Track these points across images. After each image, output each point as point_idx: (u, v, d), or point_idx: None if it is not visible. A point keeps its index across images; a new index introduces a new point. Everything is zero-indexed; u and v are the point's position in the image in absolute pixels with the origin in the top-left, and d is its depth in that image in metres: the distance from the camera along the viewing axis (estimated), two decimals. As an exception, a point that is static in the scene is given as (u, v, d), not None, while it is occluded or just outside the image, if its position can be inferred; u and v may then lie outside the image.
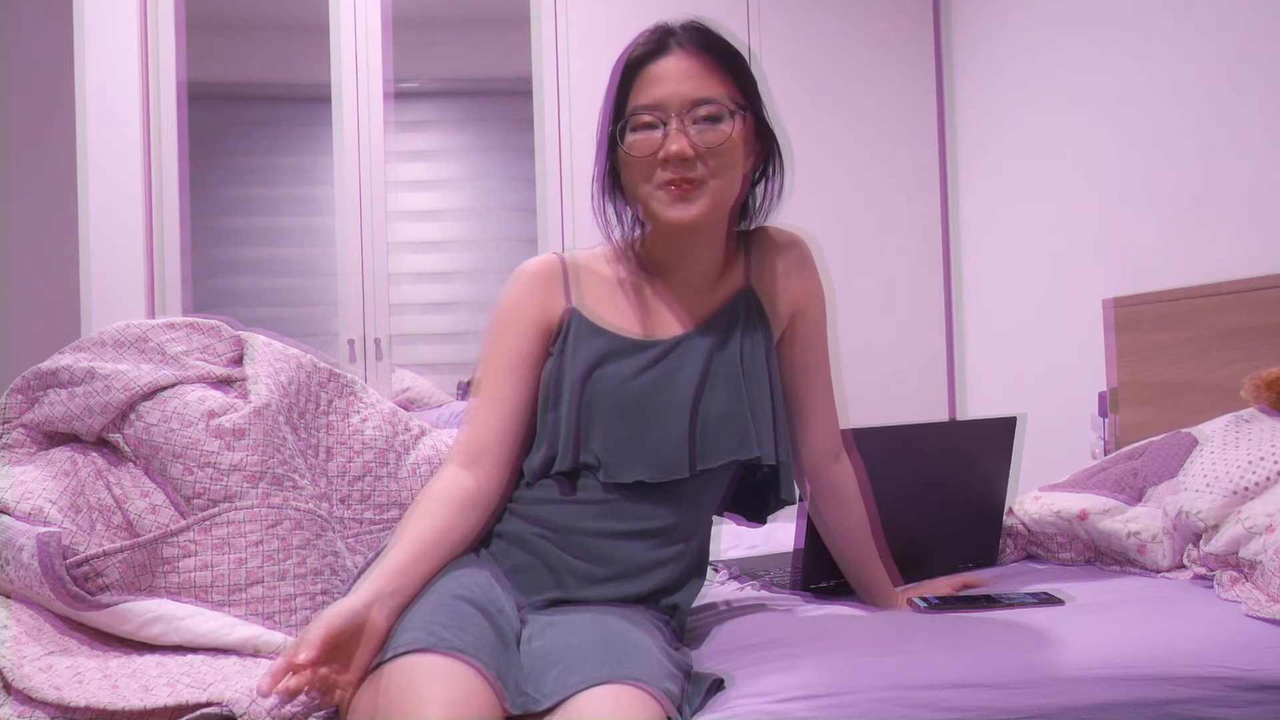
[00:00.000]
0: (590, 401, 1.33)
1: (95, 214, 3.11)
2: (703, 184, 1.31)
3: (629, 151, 1.32)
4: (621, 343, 1.37)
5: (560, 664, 1.10)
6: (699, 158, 1.30)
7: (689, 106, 1.30)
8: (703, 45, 1.33)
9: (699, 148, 1.30)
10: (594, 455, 1.32)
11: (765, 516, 1.47)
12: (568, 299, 1.39)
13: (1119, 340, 2.52)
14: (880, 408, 3.17)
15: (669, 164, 1.30)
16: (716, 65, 1.33)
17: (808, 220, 3.58)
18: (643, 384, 1.34)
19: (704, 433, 1.34)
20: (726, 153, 1.32)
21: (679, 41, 1.33)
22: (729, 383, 1.36)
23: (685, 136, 1.29)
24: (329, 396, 1.67)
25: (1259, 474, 1.53)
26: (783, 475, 1.40)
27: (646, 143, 1.31)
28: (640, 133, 1.32)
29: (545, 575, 1.31)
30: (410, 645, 1.06)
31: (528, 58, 3.35)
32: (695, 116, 1.30)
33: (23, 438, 1.49)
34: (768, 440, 1.36)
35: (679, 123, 1.30)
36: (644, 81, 1.32)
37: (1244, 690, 1.19)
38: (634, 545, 1.32)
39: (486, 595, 1.19)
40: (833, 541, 1.53)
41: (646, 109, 1.31)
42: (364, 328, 3.31)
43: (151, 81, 3.17)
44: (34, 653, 1.23)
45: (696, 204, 1.31)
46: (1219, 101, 2.28)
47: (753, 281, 1.44)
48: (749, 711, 1.13)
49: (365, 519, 1.62)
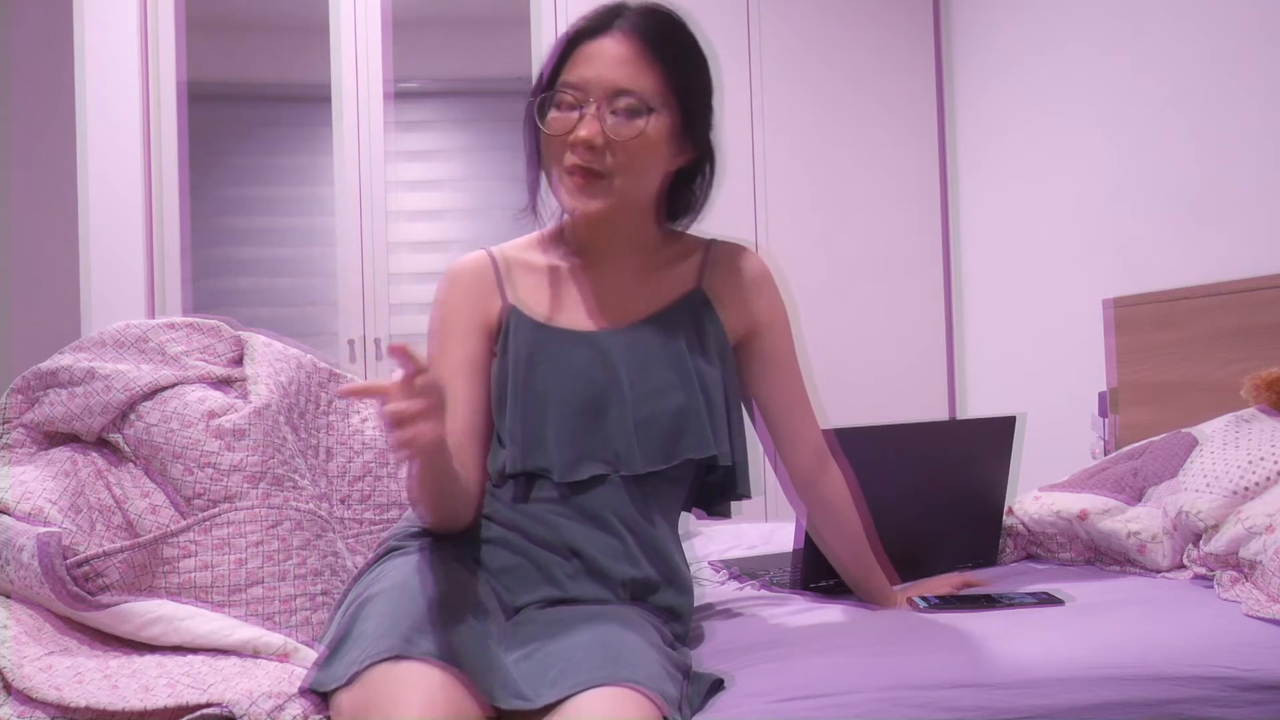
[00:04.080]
0: (536, 401, 1.31)
1: (95, 214, 3.11)
2: (607, 178, 1.28)
3: (544, 129, 1.30)
4: (561, 335, 1.35)
5: (557, 665, 1.10)
6: (608, 148, 1.27)
7: (610, 94, 1.27)
8: (644, 33, 1.28)
9: (608, 138, 1.26)
10: (546, 456, 1.30)
11: (729, 510, 1.46)
12: (503, 296, 1.37)
13: (1119, 340, 2.52)
14: (880, 407, 3.17)
15: (577, 148, 1.27)
16: (652, 56, 1.28)
17: (808, 220, 3.59)
18: (589, 378, 1.32)
19: (654, 429, 1.32)
20: (639, 149, 1.28)
21: (621, 24, 1.29)
22: (680, 379, 1.34)
23: (598, 123, 1.26)
24: (329, 397, 1.67)
25: (1259, 474, 1.53)
26: (738, 472, 1.39)
27: (561, 122, 1.28)
28: (562, 111, 1.29)
29: (535, 574, 1.30)
30: (385, 653, 1.04)
31: (528, 58, 3.35)
32: (615, 106, 1.27)
33: (23, 438, 1.49)
34: (723, 439, 1.35)
35: (596, 109, 1.27)
36: (577, 59, 1.29)
37: (1244, 690, 1.19)
38: (599, 535, 1.31)
39: (466, 598, 1.18)
40: (829, 550, 1.53)
41: (569, 87, 1.28)
42: (364, 328, 3.31)
43: (151, 81, 3.17)
44: (34, 653, 1.23)
45: (597, 199, 1.29)
46: (1219, 101, 2.28)
47: (704, 285, 1.41)
48: (749, 711, 1.13)
49: (365, 519, 1.62)
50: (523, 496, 1.32)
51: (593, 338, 1.35)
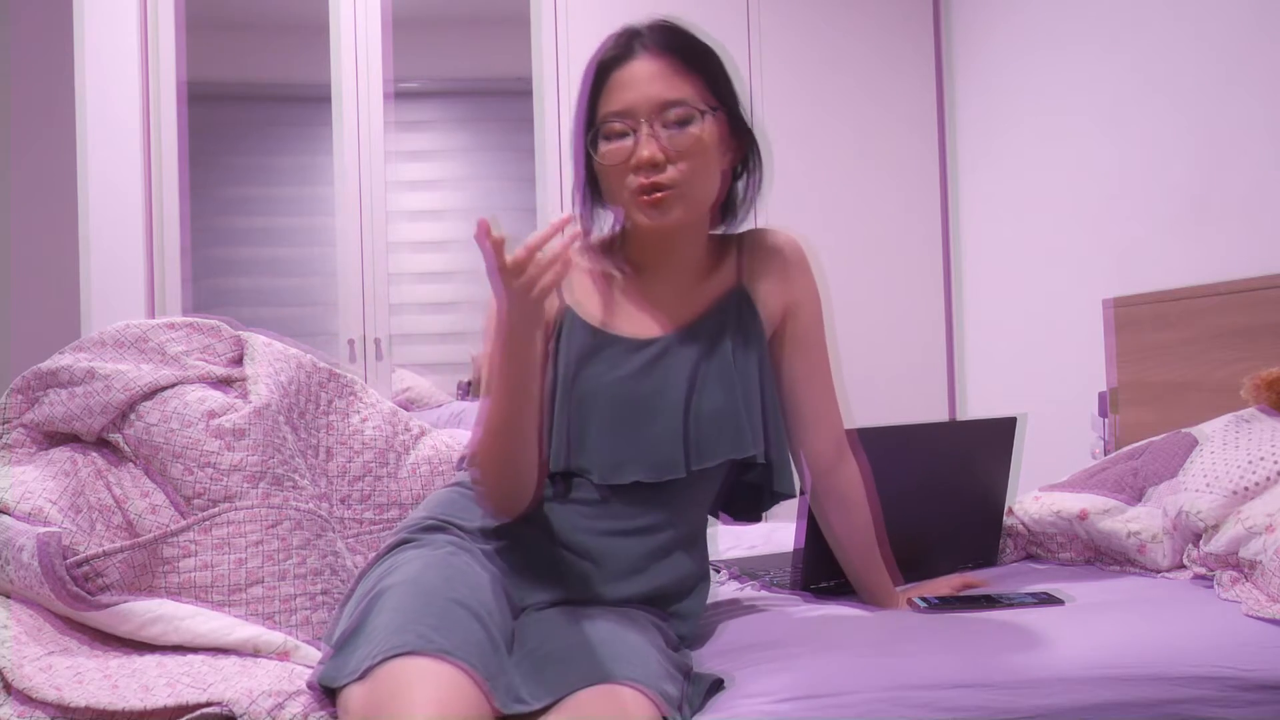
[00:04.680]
0: (583, 401, 1.32)
1: (95, 214, 3.11)
2: (676, 188, 1.30)
3: (601, 161, 1.32)
4: (613, 341, 1.36)
5: (555, 665, 1.10)
6: (670, 161, 1.29)
7: (658, 110, 1.29)
8: (669, 46, 1.31)
9: (669, 152, 1.29)
10: (588, 457, 1.31)
11: (760, 514, 1.46)
12: (560, 297, 1.38)
13: (1119, 340, 2.52)
14: (880, 408, 3.16)
15: (641, 169, 1.29)
16: (684, 66, 1.31)
17: (808, 220, 3.59)
18: (636, 384, 1.34)
19: (698, 432, 1.33)
20: (698, 154, 1.31)
21: (645, 44, 1.31)
22: (722, 382, 1.35)
23: (655, 141, 1.29)
24: (329, 396, 1.67)
25: (1259, 474, 1.53)
26: (777, 472, 1.39)
27: (618, 151, 1.31)
28: (613, 141, 1.31)
29: (546, 576, 1.30)
30: (400, 648, 1.05)
31: (528, 58, 3.35)
32: (665, 120, 1.29)
33: (23, 438, 1.49)
34: (760, 438, 1.36)
35: (649, 128, 1.29)
36: (612, 87, 1.31)
37: (1244, 690, 1.19)
38: (630, 543, 1.32)
39: (478, 597, 1.18)
40: (836, 542, 1.53)
41: (616, 116, 1.30)
42: (364, 328, 3.31)
43: (151, 81, 3.17)
44: (34, 653, 1.23)
45: (673, 210, 1.31)
46: (1218, 101, 2.28)
47: (745, 281, 1.43)
48: (749, 711, 1.13)
49: (365, 519, 1.62)
50: (562, 495, 1.33)
51: (643, 345, 1.36)
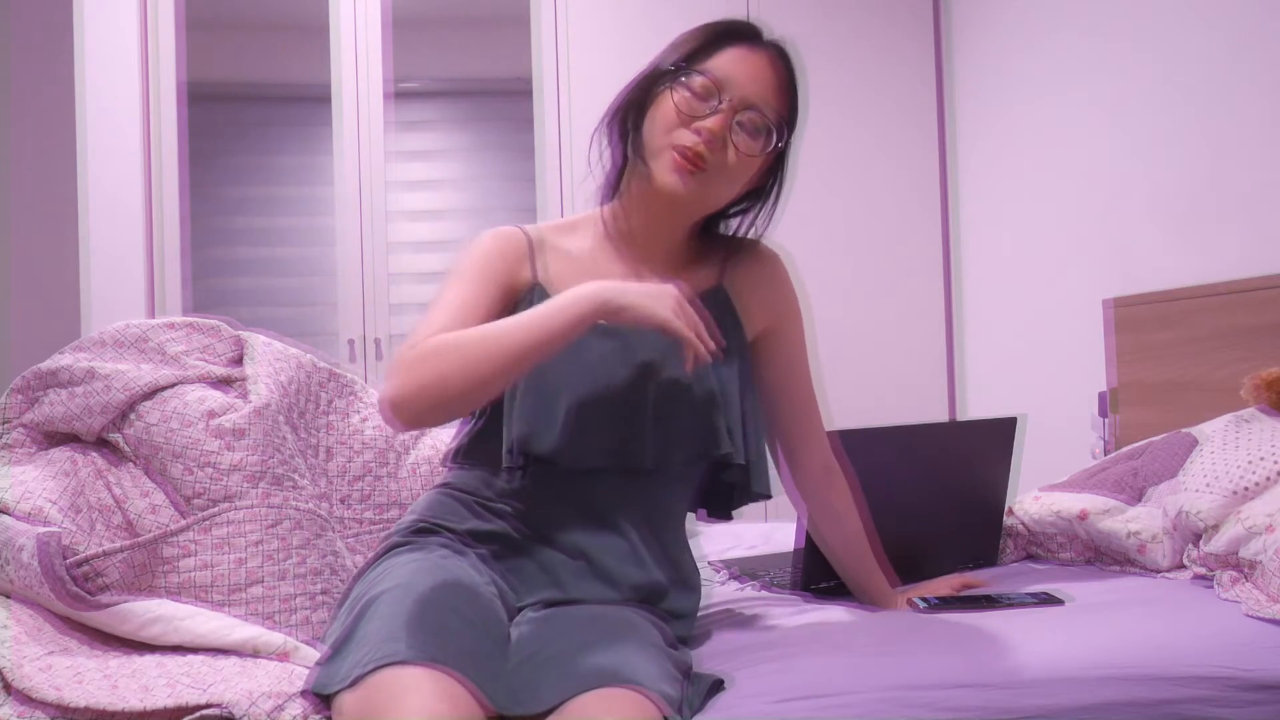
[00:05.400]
0: (551, 387, 1.31)
1: (95, 214, 3.11)
2: (709, 172, 1.32)
3: (674, 101, 1.32)
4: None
5: (555, 667, 1.10)
6: (724, 148, 1.31)
7: (746, 104, 1.32)
8: (787, 64, 1.37)
9: (730, 140, 1.32)
10: (555, 442, 1.29)
11: (730, 512, 1.46)
12: (533, 272, 1.38)
13: (1119, 340, 2.52)
14: (881, 408, 3.17)
15: (701, 133, 1.30)
16: (787, 88, 1.36)
17: (808, 219, 3.60)
18: (606, 371, 1.32)
19: (669, 426, 1.33)
20: (744, 160, 1.34)
21: (772, 47, 1.37)
22: (699, 376, 1.33)
23: (727, 121, 1.31)
24: (329, 396, 1.67)
25: (1259, 474, 1.53)
26: (753, 471, 1.39)
27: (692, 105, 1.32)
28: (693, 94, 1.32)
29: (540, 575, 1.30)
30: (392, 657, 1.04)
31: (528, 58, 3.35)
32: (742, 117, 1.32)
33: (23, 438, 1.49)
34: (737, 436, 1.36)
35: (730, 108, 1.31)
36: (728, 56, 1.33)
37: (1244, 690, 1.19)
38: (606, 537, 1.31)
39: (472, 601, 1.18)
40: (831, 553, 1.53)
41: (716, 80, 1.32)
42: (364, 328, 3.31)
43: (151, 81, 3.17)
44: (34, 653, 1.23)
45: (695, 185, 1.32)
46: (1220, 100, 2.28)
47: (725, 283, 1.43)
48: (749, 712, 1.13)
49: (365, 519, 1.62)
50: (530, 484, 1.32)
51: (614, 330, 1.33)
